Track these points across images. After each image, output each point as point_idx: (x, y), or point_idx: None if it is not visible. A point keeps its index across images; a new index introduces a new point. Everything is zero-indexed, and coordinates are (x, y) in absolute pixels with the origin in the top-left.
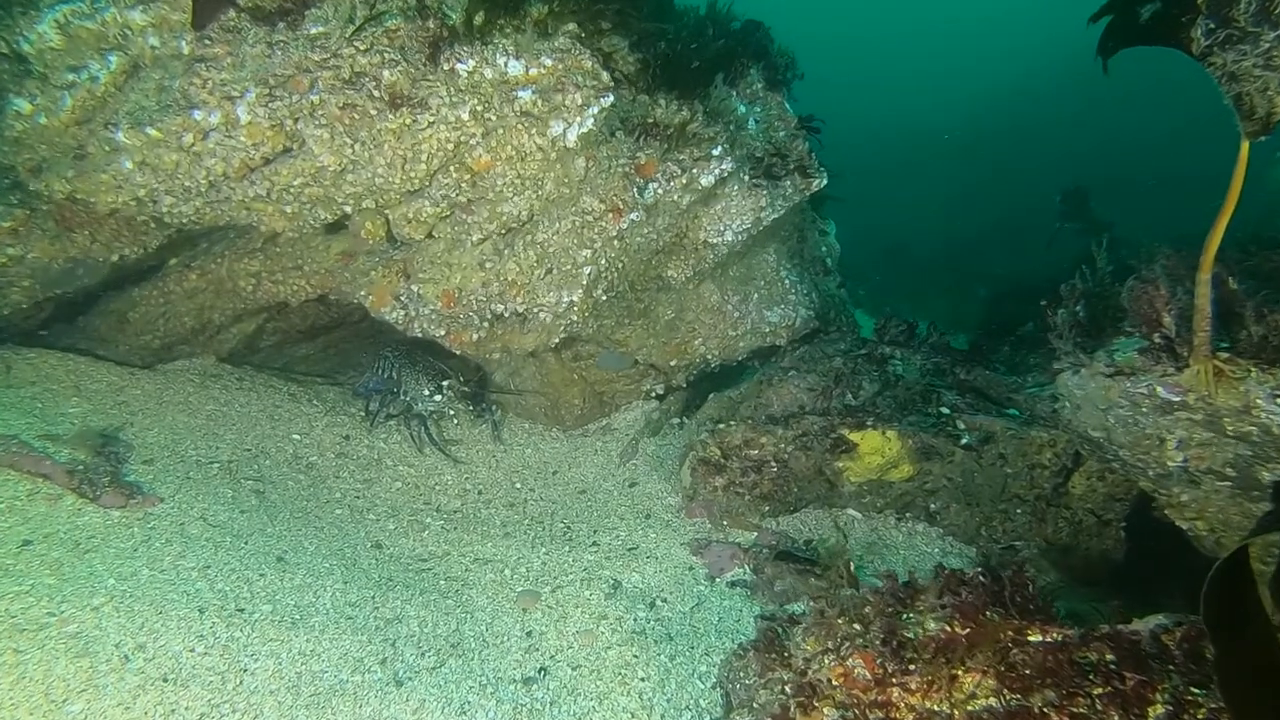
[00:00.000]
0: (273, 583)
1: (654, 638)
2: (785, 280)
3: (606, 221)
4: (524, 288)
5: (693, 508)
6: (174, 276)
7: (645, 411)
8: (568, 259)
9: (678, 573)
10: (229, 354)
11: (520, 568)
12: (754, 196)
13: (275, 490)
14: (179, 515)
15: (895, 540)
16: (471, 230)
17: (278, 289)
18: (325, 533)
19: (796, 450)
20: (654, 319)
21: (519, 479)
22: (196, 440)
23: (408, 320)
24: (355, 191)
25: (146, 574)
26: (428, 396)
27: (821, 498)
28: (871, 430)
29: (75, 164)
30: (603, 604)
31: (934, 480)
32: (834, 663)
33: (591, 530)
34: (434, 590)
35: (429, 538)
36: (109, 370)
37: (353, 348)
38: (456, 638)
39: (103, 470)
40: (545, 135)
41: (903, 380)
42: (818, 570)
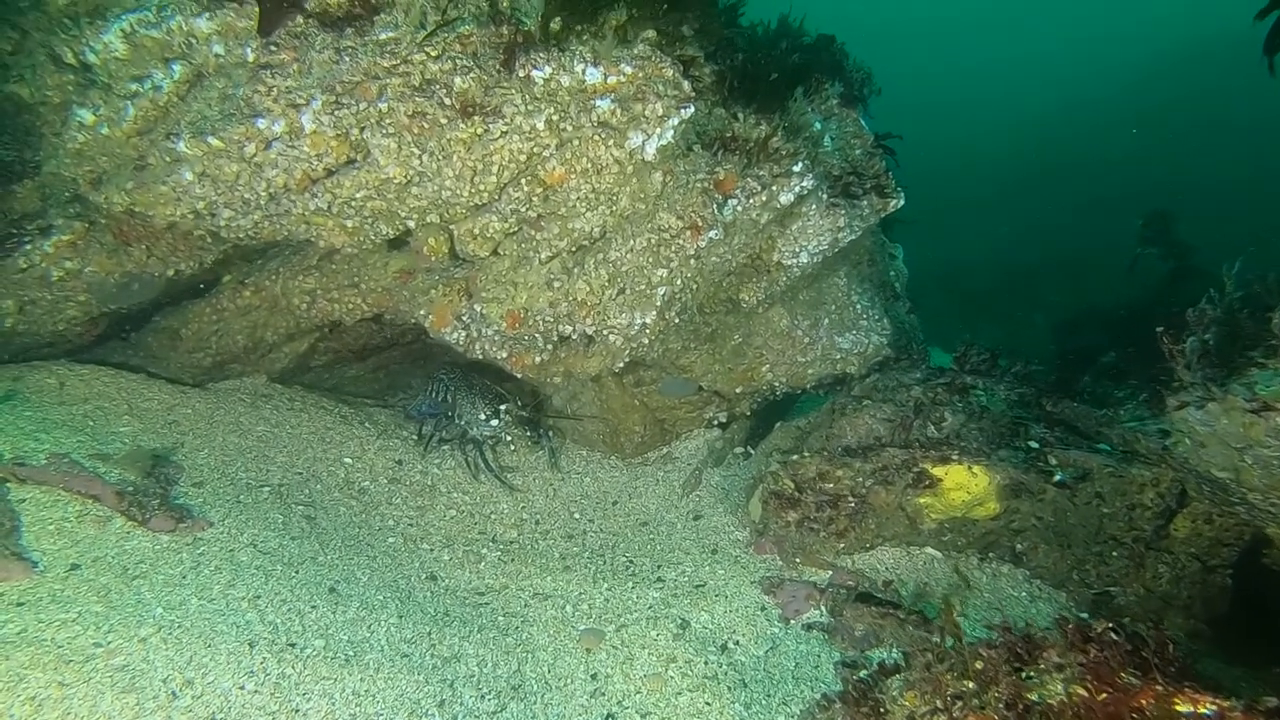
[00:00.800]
0: (325, 615)
1: (727, 684)
2: (857, 305)
3: (684, 239)
4: (594, 309)
5: (762, 543)
6: (228, 293)
7: (708, 440)
8: (641, 279)
9: (749, 613)
10: (280, 373)
11: (582, 604)
12: (832, 216)
13: (326, 516)
14: (229, 541)
15: (979, 582)
16: (540, 247)
17: (333, 307)
18: (378, 562)
19: (875, 485)
20: (720, 344)
21: (577, 509)
22: (247, 462)
23: (469, 341)
24: (420, 205)
25: (195, 603)
26: (484, 421)
27: (899, 535)
28: (957, 465)
29: (135, 175)
30: (671, 645)
31: (1021, 519)
32: None
33: (655, 565)
34: (492, 627)
35: (485, 570)
36: (161, 388)
37: (403, 369)
38: (518, 679)
39: (153, 492)
40: (623, 147)
41: (988, 412)
42: (900, 614)
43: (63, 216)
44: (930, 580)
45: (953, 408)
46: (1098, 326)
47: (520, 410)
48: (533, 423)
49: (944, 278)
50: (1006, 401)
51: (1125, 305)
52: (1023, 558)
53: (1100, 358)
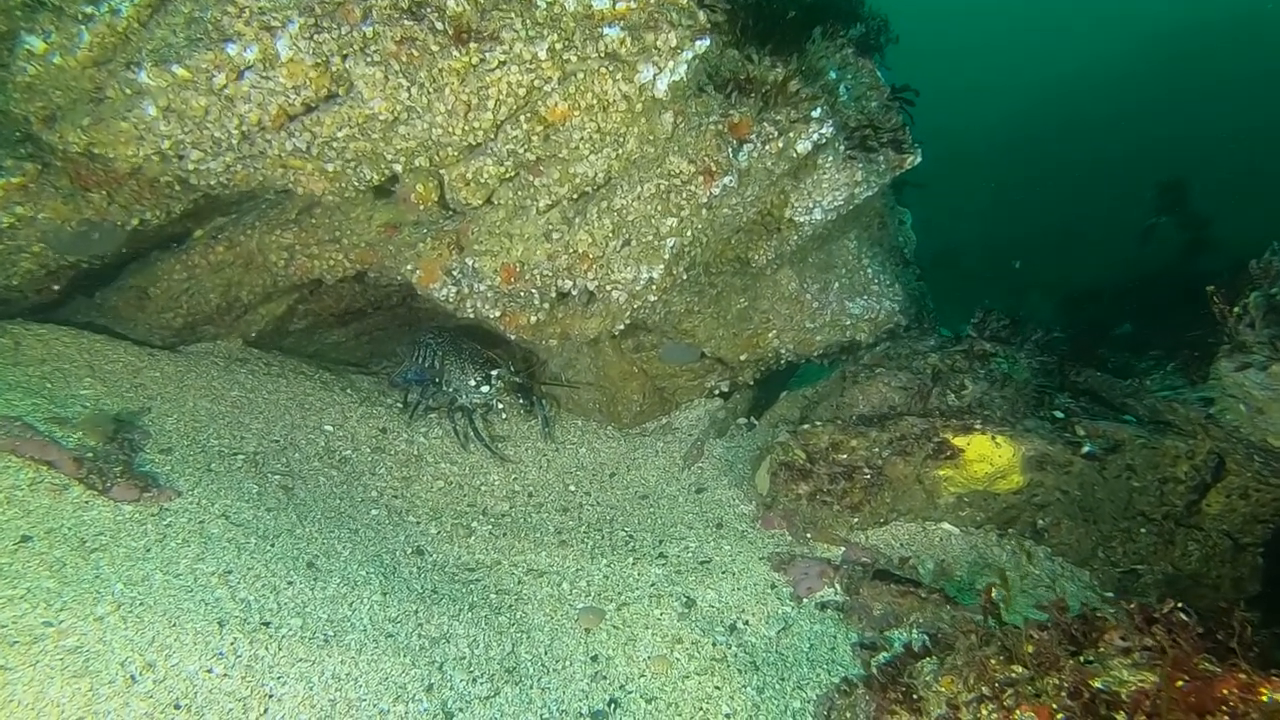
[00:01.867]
0: (302, 592)
1: (737, 666)
2: (868, 270)
3: (696, 186)
4: (596, 261)
5: (770, 517)
6: (199, 249)
7: (709, 410)
8: (649, 229)
9: (759, 591)
10: (256, 337)
11: (580, 581)
12: (849, 170)
13: (305, 487)
14: (198, 512)
15: (999, 559)
16: (538, 195)
17: (313, 264)
18: (361, 536)
19: (893, 455)
20: (725, 307)
21: (573, 481)
22: (219, 429)
23: (459, 298)
24: (408, 146)
25: (160, 579)
26: (474, 388)
27: (914, 510)
28: (979, 435)
29: (92, 111)
30: (676, 625)
31: (1045, 493)
32: (996, 715)
33: (657, 540)
34: (484, 605)
35: (476, 544)
36: (126, 350)
37: (387, 335)
38: (512, 661)
39: (115, 459)
40: (632, 82)
41: (1010, 380)
42: (922, 593)
43: (12, 158)
44: (947, 557)
45: (973, 375)
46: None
47: (513, 376)
48: (526, 390)
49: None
50: (1029, 370)
51: (1136, 278)
52: (1044, 534)
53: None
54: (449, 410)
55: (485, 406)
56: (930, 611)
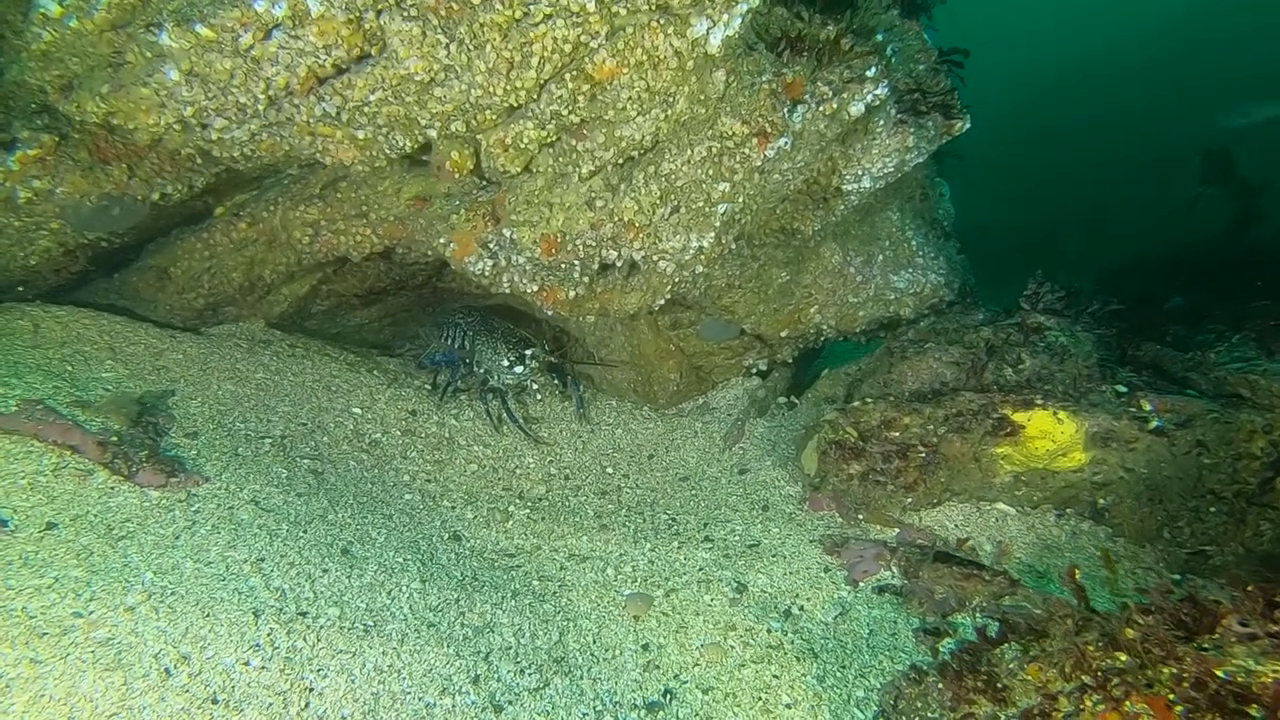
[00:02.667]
0: (339, 580)
1: (795, 653)
2: (912, 242)
3: (749, 148)
4: (643, 230)
5: (818, 499)
6: (221, 227)
7: (747, 389)
8: (699, 194)
9: (812, 575)
10: (279, 318)
11: (624, 566)
12: (900, 135)
13: (335, 471)
14: (227, 497)
15: (1058, 540)
16: (581, 160)
17: (338, 240)
18: (395, 521)
19: (949, 433)
20: (766, 282)
21: (609, 463)
22: (245, 412)
23: (496, 272)
24: (444, 110)
25: (190, 567)
26: (507, 368)
27: (969, 490)
28: (1041, 410)
29: (111, 77)
30: (728, 611)
31: (1108, 471)
32: (1103, 706)
33: (701, 523)
34: (527, 592)
35: (514, 529)
36: (148, 332)
37: (410, 317)
38: (560, 651)
39: (140, 443)
40: (685, 36)
41: (1069, 353)
42: (986, 575)
43: (29, 129)
44: (1004, 538)
45: (1031, 349)
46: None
47: (547, 355)
48: (560, 370)
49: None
50: (1090, 342)
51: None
52: (1105, 514)
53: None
54: (481, 392)
55: (519, 387)
56: (994, 595)
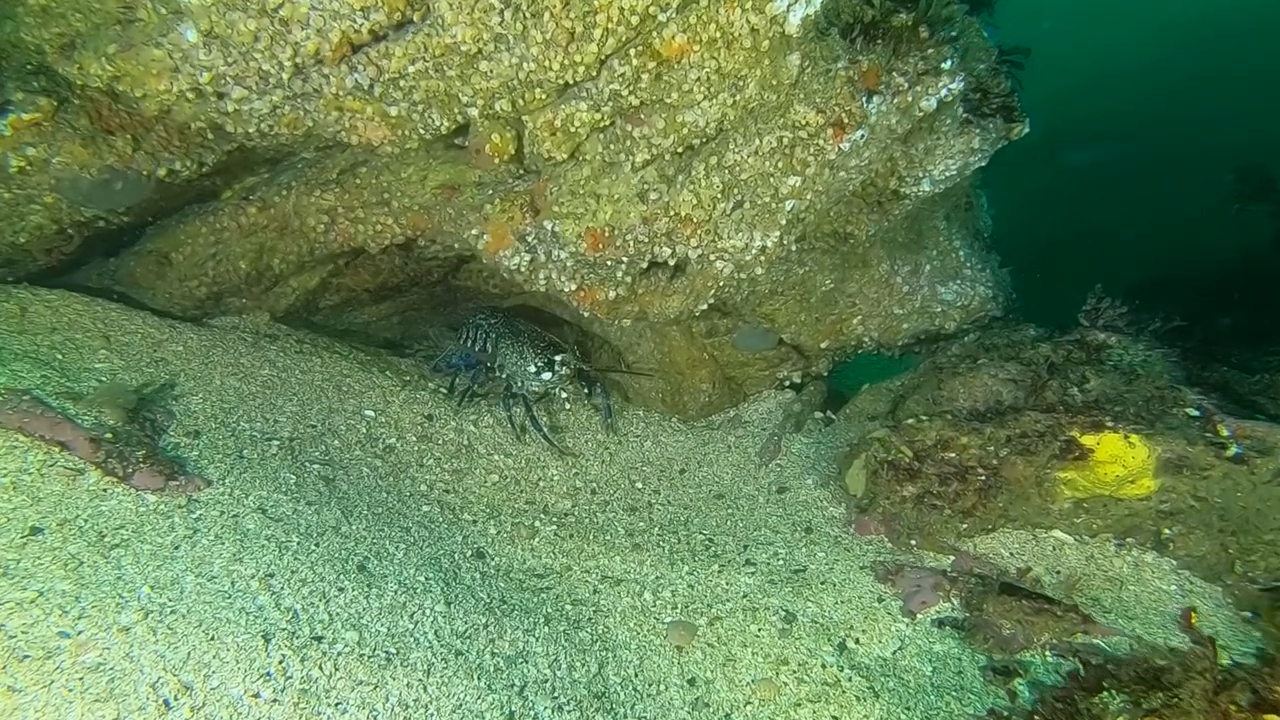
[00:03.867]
0: (356, 600)
1: (854, 692)
2: (959, 252)
3: (824, 140)
4: (701, 226)
5: (865, 522)
6: (229, 211)
7: (782, 403)
8: (766, 189)
9: (865, 605)
10: (285, 311)
11: (663, 591)
12: (966, 136)
13: (347, 478)
14: (232, 504)
15: (1120, 572)
16: (635, 148)
17: (356, 230)
18: (414, 535)
19: (1012, 455)
20: (810, 289)
21: (639, 477)
22: (250, 411)
23: (532, 268)
24: (488, 86)
25: (192, 582)
26: (534, 374)
27: (1024, 516)
28: (1111, 433)
29: (119, 36)
30: (778, 643)
31: (1176, 499)
32: None
33: (740, 545)
34: (560, 618)
35: (541, 547)
36: (146, 321)
37: (421, 316)
38: (600, 685)
39: (137, 441)
40: (763, 13)
41: (1138, 373)
42: (1058, 610)
43: (24, 90)
44: (1062, 568)
45: (1096, 367)
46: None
47: (578, 362)
48: (589, 377)
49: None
50: (1150, 362)
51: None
52: (1169, 545)
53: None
54: (504, 398)
55: (544, 395)
56: (1065, 632)
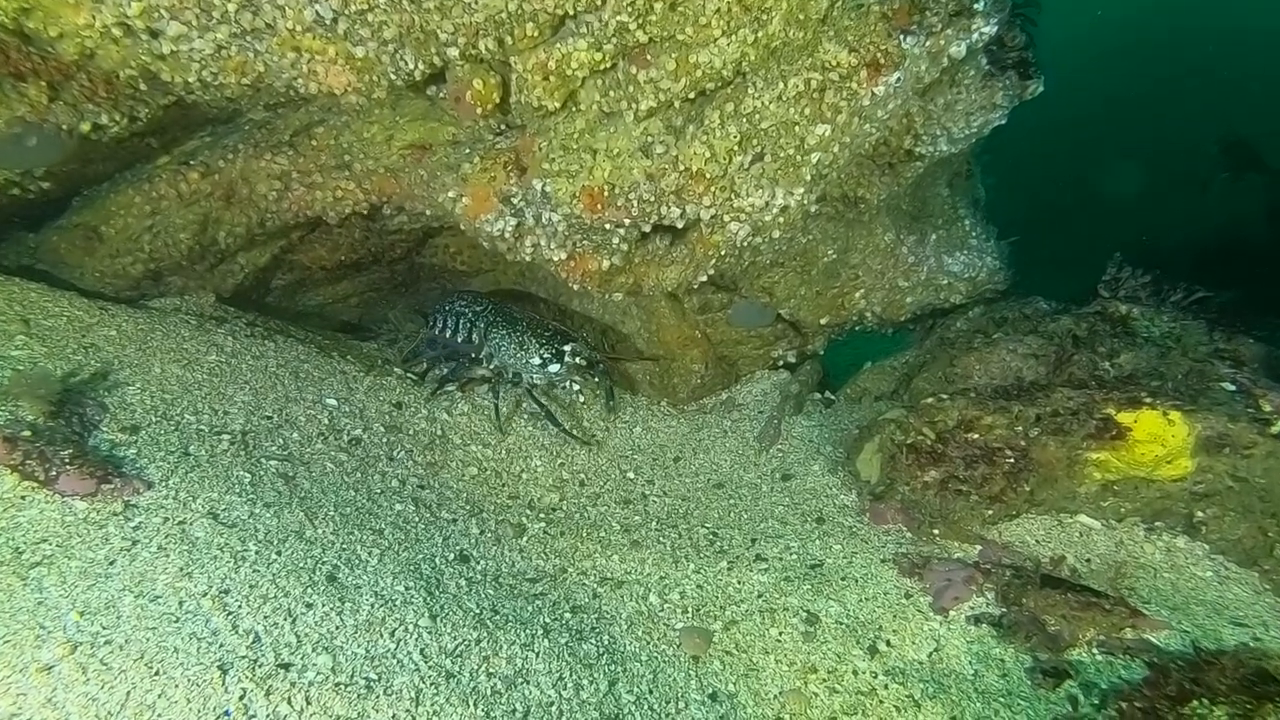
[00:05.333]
0: (327, 618)
1: (893, 702)
2: (965, 222)
3: (857, 83)
4: (715, 183)
5: (881, 510)
6: (167, 177)
7: (777, 384)
8: (790, 139)
9: (892, 602)
10: (233, 293)
11: (669, 593)
12: (989, 90)
13: (309, 475)
14: (177, 509)
15: (1152, 559)
16: (640, 94)
17: (313, 197)
18: (388, 538)
19: (1043, 435)
20: (811, 260)
21: (630, 466)
22: (197, 402)
23: (518, 235)
24: (472, 22)
25: (131, 605)
26: (538, 367)
27: (1049, 501)
28: (1149, 410)
29: None
30: (803, 649)
31: (1213, 480)
32: None
33: (748, 539)
34: (560, 628)
35: (530, 547)
36: (72, 302)
37: (382, 298)
38: (612, 706)
39: (62, 438)
40: None
41: (1171, 346)
42: (1106, 604)
43: None
44: (1091, 555)
45: (1125, 340)
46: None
47: (590, 351)
48: (595, 365)
49: None
50: (1196, 332)
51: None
52: (1201, 528)
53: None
54: (493, 387)
55: (548, 387)
56: (1114, 628)
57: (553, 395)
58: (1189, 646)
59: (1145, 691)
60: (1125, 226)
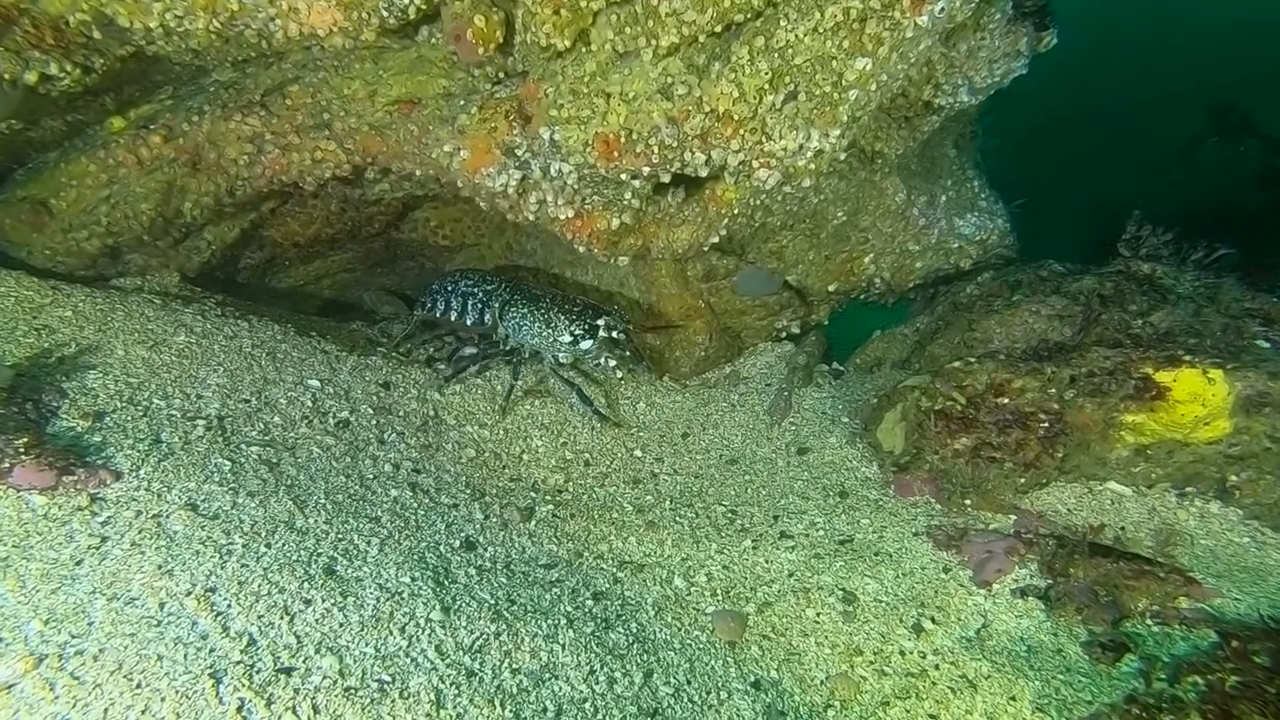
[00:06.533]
0: (330, 615)
1: (946, 684)
2: (974, 183)
3: (900, 11)
4: (743, 125)
5: (906, 481)
6: (125, 142)
7: (783, 355)
8: (827, 75)
9: (931, 577)
10: (199, 271)
11: (695, 575)
12: (1013, 37)
13: (295, 461)
14: (151, 501)
15: (1185, 525)
16: (661, 29)
17: (289, 160)
18: (386, 526)
19: (1079, 397)
20: (821, 222)
21: (636, 444)
22: (166, 385)
23: (522, 190)
24: None
25: (104, 609)
26: (568, 344)
27: (1080, 467)
28: (1189, 369)
29: None
30: (844, 630)
31: (1249, 442)
32: None
33: (769, 516)
34: (584, 617)
35: (541, 531)
36: (21, 282)
37: (356, 279)
38: (649, 700)
39: (16, 426)
40: None
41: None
42: (1160, 572)
43: None
44: (1126, 524)
45: (1156, 298)
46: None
47: (625, 324)
48: (628, 340)
49: None
50: (1233, 288)
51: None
52: (1235, 493)
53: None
54: (513, 366)
55: (571, 364)
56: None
57: (578, 371)
58: (1256, 614)
59: (1231, 663)
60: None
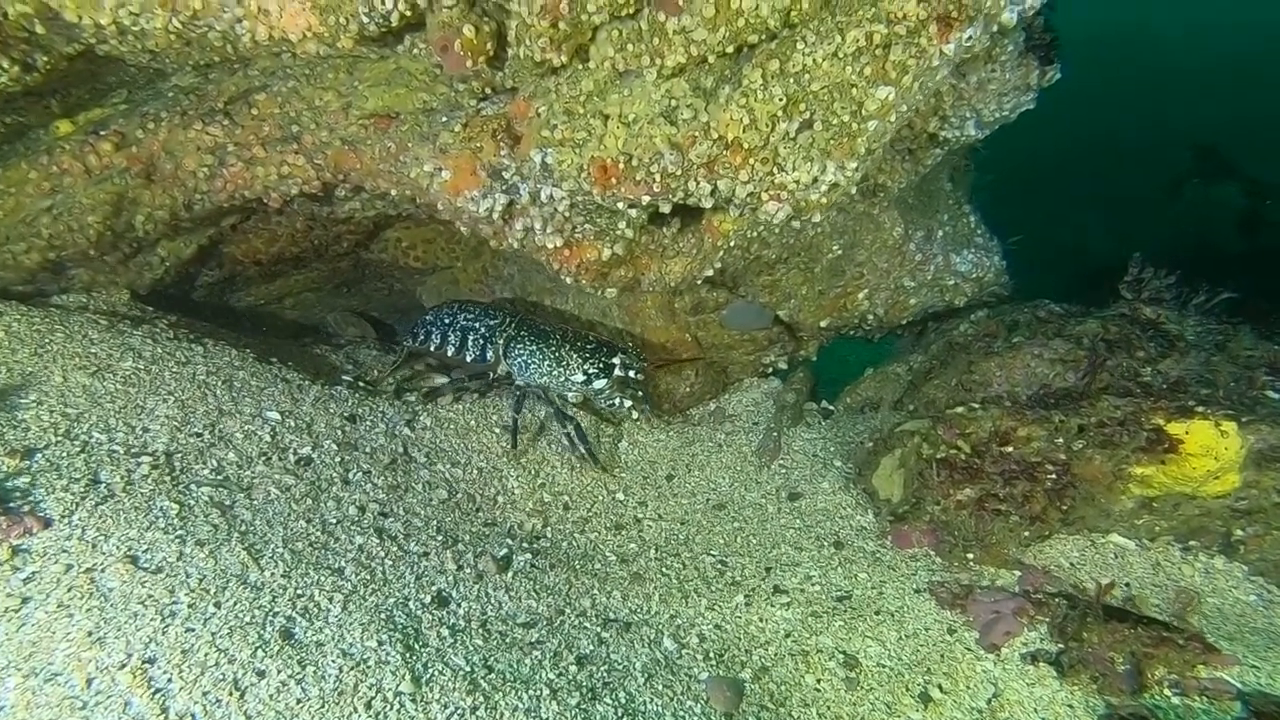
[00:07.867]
0: (285, 689)
1: None
2: (970, 218)
3: (925, 39)
4: (754, 154)
5: (905, 532)
6: (71, 148)
7: (770, 392)
8: (846, 104)
9: (936, 639)
10: (151, 289)
11: (686, 635)
12: (1023, 70)
13: (251, 503)
14: (84, 552)
15: (1190, 580)
16: (668, 47)
17: (253, 175)
18: (350, 579)
19: (1089, 449)
20: (815, 256)
21: (618, 485)
22: (109, 417)
23: (508, 216)
24: None
25: (18, 687)
26: (580, 384)
27: (1083, 520)
28: (1201, 420)
29: None
30: (847, 699)
31: (1257, 496)
32: None
33: (760, 568)
34: (567, 685)
35: (518, 584)
36: None
37: (319, 300)
38: None
39: None
40: None
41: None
42: (1180, 639)
43: None
44: (1130, 579)
45: (1164, 345)
46: None
47: (640, 362)
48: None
49: None
50: (1245, 336)
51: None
52: (1239, 548)
53: None
54: (514, 402)
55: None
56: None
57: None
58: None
59: None
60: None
